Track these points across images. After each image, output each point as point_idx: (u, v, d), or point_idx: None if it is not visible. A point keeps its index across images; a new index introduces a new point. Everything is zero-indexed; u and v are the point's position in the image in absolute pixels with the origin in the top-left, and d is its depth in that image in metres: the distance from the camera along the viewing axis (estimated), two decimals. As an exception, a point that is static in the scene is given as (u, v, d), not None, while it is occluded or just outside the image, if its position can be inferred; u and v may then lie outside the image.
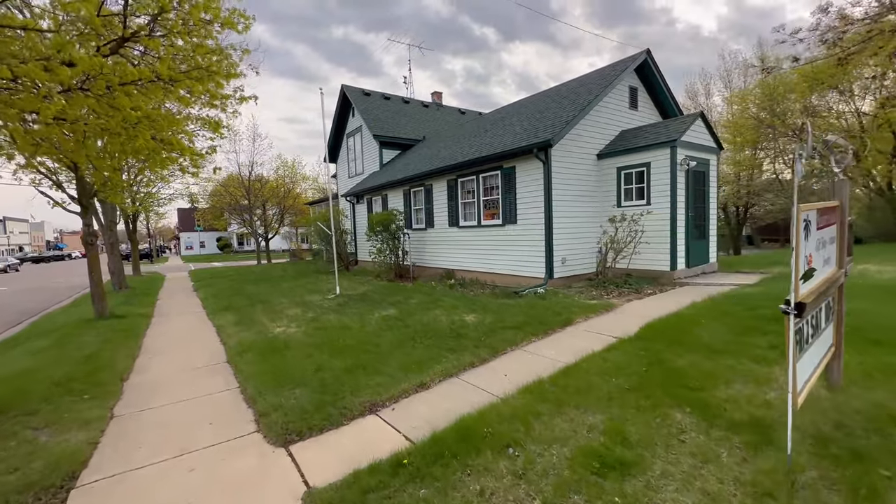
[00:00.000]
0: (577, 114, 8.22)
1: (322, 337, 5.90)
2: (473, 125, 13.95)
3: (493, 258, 9.63)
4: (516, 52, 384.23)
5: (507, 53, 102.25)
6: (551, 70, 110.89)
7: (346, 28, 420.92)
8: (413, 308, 7.21)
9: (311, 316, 7.47)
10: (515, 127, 10.13)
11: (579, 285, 8.40)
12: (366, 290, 9.72)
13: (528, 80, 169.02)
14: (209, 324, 7.93)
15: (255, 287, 12.37)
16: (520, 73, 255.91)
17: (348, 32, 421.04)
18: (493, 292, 8.52)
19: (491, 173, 9.55)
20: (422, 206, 12.23)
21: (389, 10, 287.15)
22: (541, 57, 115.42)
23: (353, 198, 16.49)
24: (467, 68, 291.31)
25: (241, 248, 56.29)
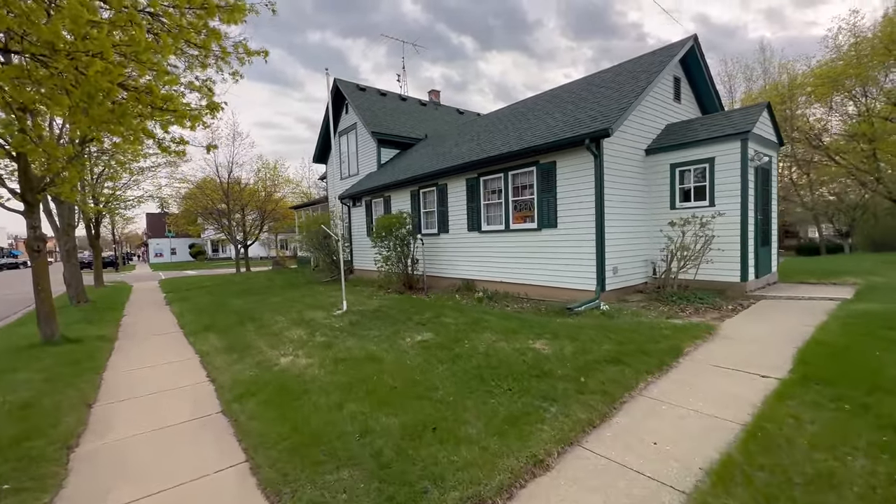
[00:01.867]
0: (633, 100, 7.12)
1: (349, 373, 4.48)
2: (485, 123, 12.77)
3: (525, 267, 8.39)
4: (493, 61, 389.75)
5: (484, 62, 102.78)
6: (528, 80, 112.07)
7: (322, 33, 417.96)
8: (453, 330, 5.85)
9: (323, 340, 6.01)
10: (546, 120, 8.98)
11: (635, 299, 7.24)
12: (379, 305, 8.28)
13: (505, 89, 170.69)
14: (189, 350, 6.35)
15: (241, 300, 10.72)
16: (497, 82, 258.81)
17: (325, 38, 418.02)
18: (536, 308, 7.25)
19: (523, 170, 8.33)
20: (434, 208, 10.90)
21: (367, 16, 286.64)
22: (517, 67, 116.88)
23: (349, 200, 15.01)
24: (445, 76, 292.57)
25: (216, 256, 53.37)
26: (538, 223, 8.07)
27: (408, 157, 14.19)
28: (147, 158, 11.15)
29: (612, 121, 6.64)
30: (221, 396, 4.27)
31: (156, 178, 22.72)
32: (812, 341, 4.34)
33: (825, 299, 6.26)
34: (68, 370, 5.24)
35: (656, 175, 7.97)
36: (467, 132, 12.69)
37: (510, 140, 8.97)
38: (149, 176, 17.90)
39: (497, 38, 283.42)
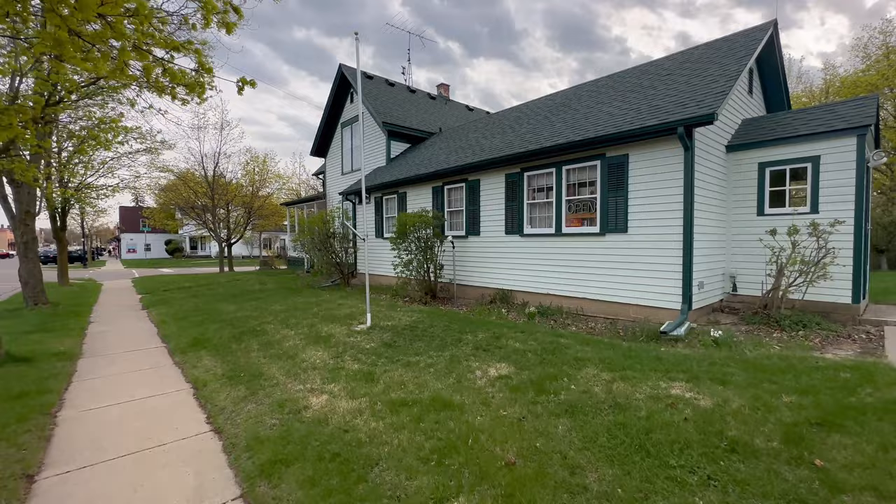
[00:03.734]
0: (731, 83, 5.99)
1: (421, 429, 3.11)
2: (514, 116, 11.55)
3: (582, 278, 7.14)
4: (480, 68, 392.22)
5: (470, 69, 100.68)
6: (513, 89, 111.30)
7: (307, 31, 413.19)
8: (533, 360, 4.51)
9: (358, 368, 4.60)
10: (604, 109, 7.81)
11: (727, 321, 6.08)
12: (409, 320, 6.88)
13: (491, 96, 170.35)
14: (177, 376, 4.85)
15: (233, 306, 9.14)
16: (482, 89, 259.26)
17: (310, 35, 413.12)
18: (611, 329, 5.99)
19: (583, 164, 7.11)
20: (461, 207, 9.58)
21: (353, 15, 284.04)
22: (503, 75, 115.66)
23: (354, 196, 13.55)
24: (431, 81, 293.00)
25: (195, 253, 50.65)
26: (601, 227, 6.85)
27: (423, 151, 12.85)
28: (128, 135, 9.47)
29: (714, 105, 5.48)
30: (237, 465, 2.84)
31: (133, 166, 20.79)
32: None
33: None
34: (3, 412, 3.70)
35: (739, 175, 6.86)
36: (494, 125, 11.44)
37: (562, 131, 7.75)
38: (125, 163, 16.08)
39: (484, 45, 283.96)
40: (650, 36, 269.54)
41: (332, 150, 17.23)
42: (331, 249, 12.34)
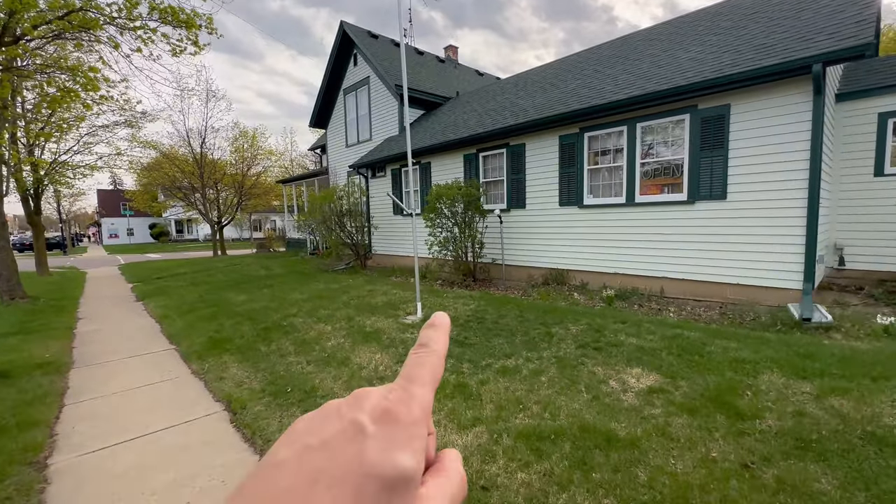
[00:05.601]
0: (872, 8, 4.85)
1: (599, 482, 2.08)
2: (553, 73, 10.27)
3: (663, 255, 6.14)
4: (465, 40, 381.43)
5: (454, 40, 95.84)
6: (499, 61, 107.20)
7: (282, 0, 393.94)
8: (672, 362, 3.51)
9: (459, 381, 3.54)
10: (677, 55, 6.63)
11: (857, 301, 5.15)
12: (470, 309, 5.82)
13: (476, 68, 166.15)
14: (204, 395, 3.73)
15: (244, 295, 7.96)
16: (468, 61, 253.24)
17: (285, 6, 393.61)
18: (722, 314, 5.01)
19: (666, 119, 6.00)
20: (501, 176, 8.43)
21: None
22: (488, 46, 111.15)
23: (367, 170, 12.25)
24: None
25: (181, 237, 48.59)
26: (690, 193, 5.80)
27: (442, 117, 11.54)
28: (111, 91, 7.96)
29: (866, 35, 4.36)
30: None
31: (113, 141, 18.96)
32: None
33: None
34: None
35: (852, 129, 5.83)
36: (529, 85, 10.17)
37: (632, 82, 6.57)
38: (103, 137, 14.38)
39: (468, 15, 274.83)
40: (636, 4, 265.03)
41: (333, 120, 15.73)
42: (344, 229, 11.12)
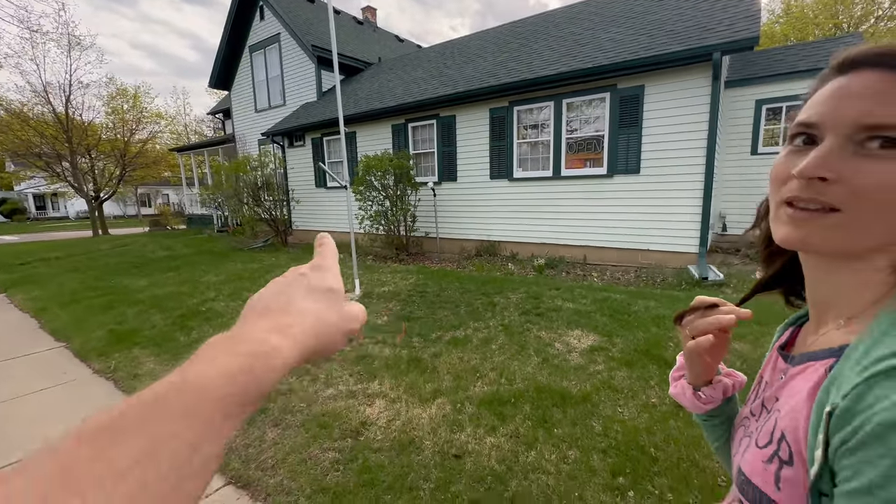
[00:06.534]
0: (757, 5, 5.53)
1: (563, 436, 2.26)
2: (479, 44, 10.22)
3: (585, 225, 6.63)
4: (380, 1, 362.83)
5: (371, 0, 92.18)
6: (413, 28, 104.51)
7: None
8: (606, 322, 3.83)
9: (393, 353, 3.49)
10: (599, 35, 7.01)
11: (738, 262, 6.08)
12: (410, 284, 5.76)
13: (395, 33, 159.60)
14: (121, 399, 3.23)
15: (144, 280, 6.98)
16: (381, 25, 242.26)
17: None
18: (638, 278, 5.59)
19: (589, 97, 6.35)
20: (432, 148, 8.32)
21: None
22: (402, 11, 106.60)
23: (283, 139, 11.26)
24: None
25: (44, 215, 40.81)
26: (609, 167, 6.29)
27: (365, 84, 10.96)
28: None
29: (753, 29, 4.99)
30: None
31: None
32: None
33: None
34: None
35: (735, 113, 6.72)
36: (457, 54, 10.03)
37: (559, 58, 6.81)
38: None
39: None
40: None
41: (238, 81, 14.09)
42: (260, 203, 10.21)
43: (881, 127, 0.38)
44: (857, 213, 0.40)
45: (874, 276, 0.42)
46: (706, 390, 0.64)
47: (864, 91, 0.41)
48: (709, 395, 0.64)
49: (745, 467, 0.48)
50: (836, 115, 0.41)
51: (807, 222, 0.43)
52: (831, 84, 0.44)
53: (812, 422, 0.38)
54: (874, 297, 0.42)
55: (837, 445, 0.34)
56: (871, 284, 0.43)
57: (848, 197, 0.40)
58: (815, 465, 0.36)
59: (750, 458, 0.48)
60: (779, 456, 0.43)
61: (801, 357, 0.48)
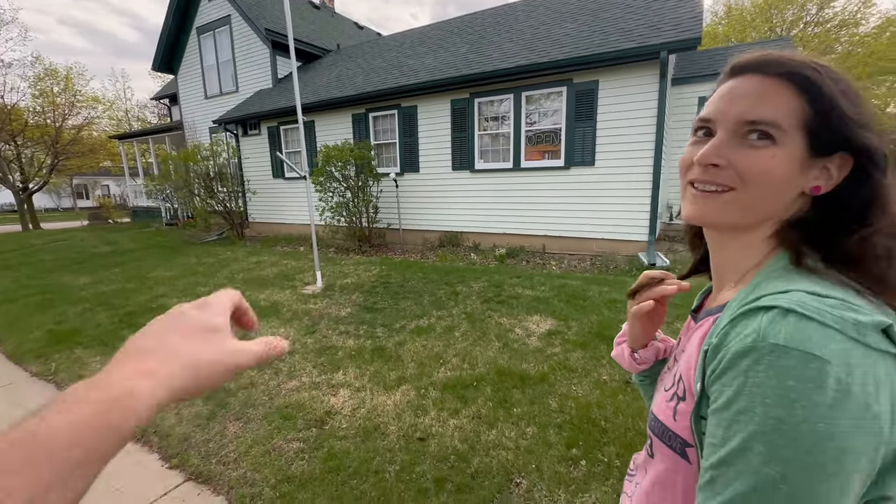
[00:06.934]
0: (700, 8, 5.87)
1: (521, 415, 2.40)
2: (439, 34, 10.18)
3: (544, 215, 6.86)
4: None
5: None
6: (372, 15, 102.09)
7: None
8: (563, 308, 4.01)
9: (357, 344, 3.51)
10: (554, 30, 7.19)
11: (683, 249, 6.50)
12: (373, 275, 5.73)
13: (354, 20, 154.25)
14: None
15: (87, 277, 6.54)
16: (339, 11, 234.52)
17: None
18: (594, 265, 5.85)
19: (547, 90, 6.53)
20: (393, 139, 8.26)
21: None
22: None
23: (237, 127, 10.77)
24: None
25: (-40, 208, 36.75)
26: (566, 160, 6.52)
27: (324, 72, 10.66)
28: None
29: (696, 30, 5.31)
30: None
31: None
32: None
33: None
34: None
35: (681, 109, 7.14)
36: (417, 44, 9.94)
37: (517, 52, 6.94)
38: None
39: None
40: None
41: (185, 65, 13.27)
42: (214, 195, 9.75)
43: (758, 122, 0.47)
44: (745, 192, 0.48)
45: (757, 244, 0.51)
46: (642, 352, 0.74)
47: (746, 92, 0.49)
48: (643, 357, 0.74)
49: (654, 409, 0.58)
50: (726, 112, 0.50)
51: (706, 201, 0.51)
52: (724, 86, 0.53)
53: (698, 362, 0.47)
54: (756, 261, 0.51)
55: (709, 376, 0.43)
56: (754, 251, 0.52)
57: (736, 179, 0.48)
58: (697, 395, 0.45)
59: (658, 400, 0.58)
60: (677, 394, 0.53)
61: (703, 314, 0.58)
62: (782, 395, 0.36)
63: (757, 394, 0.37)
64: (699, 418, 0.45)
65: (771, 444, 0.36)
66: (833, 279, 0.44)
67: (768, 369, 0.37)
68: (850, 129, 0.46)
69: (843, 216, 0.48)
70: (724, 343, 0.42)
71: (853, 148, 0.46)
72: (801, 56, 0.49)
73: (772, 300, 0.41)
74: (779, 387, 0.37)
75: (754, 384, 0.38)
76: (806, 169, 0.47)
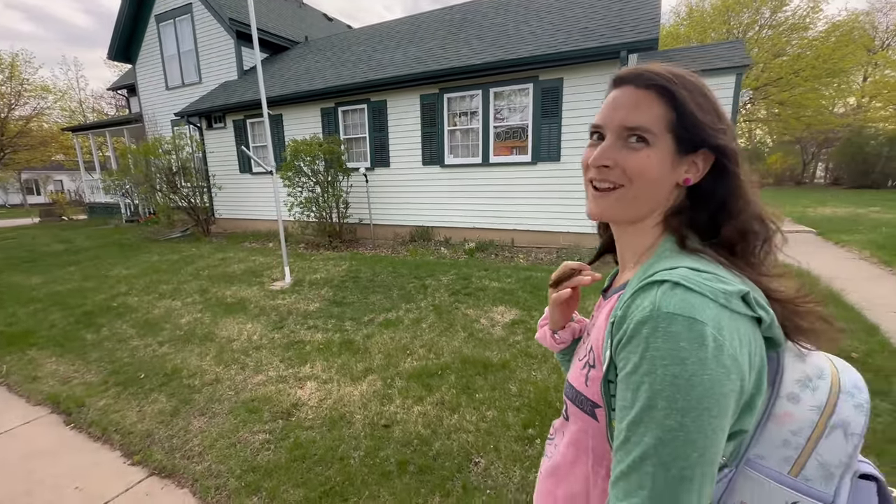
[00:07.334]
0: (657, 10, 6.11)
1: (483, 400, 2.52)
2: (409, 29, 10.15)
3: (513, 210, 7.01)
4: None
5: None
6: (344, 6, 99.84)
7: None
8: (527, 298, 4.15)
9: (325, 338, 3.54)
10: (522, 28, 7.33)
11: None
12: (343, 270, 5.73)
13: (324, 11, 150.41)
14: (16, 402, 2.94)
15: (38, 277, 6.25)
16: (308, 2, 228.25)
17: None
18: (559, 257, 6.05)
19: (514, 87, 6.66)
20: (363, 133, 8.22)
21: None
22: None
23: (201, 120, 10.43)
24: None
25: None
26: (533, 155, 6.68)
27: (291, 64, 10.46)
28: None
29: (653, 31, 5.55)
30: (261, 527, 1.79)
31: None
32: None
33: (794, 232, 7.01)
34: None
35: (642, 107, 7.41)
36: (385, 38, 9.89)
37: (484, 49, 7.04)
38: None
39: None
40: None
41: (144, 54, 12.70)
42: (177, 190, 9.44)
43: (634, 128, 0.56)
44: (631, 188, 0.57)
45: (649, 230, 0.61)
46: (561, 333, 0.84)
47: (624, 102, 0.58)
48: (562, 337, 0.84)
49: (569, 377, 0.67)
50: (611, 119, 0.58)
51: (603, 199, 0.60)
52: (609, 95, 0.62)
53: (606, 333, 0.55)
54: (650, 244, 0.61)
55: (616, 344, 0.51)
56: (647, 236, 0.61)
57: (624, 177, 0.57)
58: (606, 362, 0.53)
59: (573, 369, 0.67)
60: (589, 363, 0.61)
61: (610, 292, 0.68)
62: (675, 355, 0.44)
63: (657, 356, 0.45)
64: (607, 382, 0.53)
65: (670, 399, 0.44)
66: (709, 257, 0.54)
67: (665, 335, 0.45)
68: (704, 130, 0.55)
69: (710, 204, 0.57)
70: (627, 314, 0.50)
71: (710, 146, 0.55)
72: (665, 68, 0.57)
73: (663, 276, 0.49)
74: (672, 348, 0.44)
75: (654, 349, 0.45)
76: (676, 165, 0.56)
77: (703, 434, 0.43)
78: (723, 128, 0.56)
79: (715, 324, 0.45)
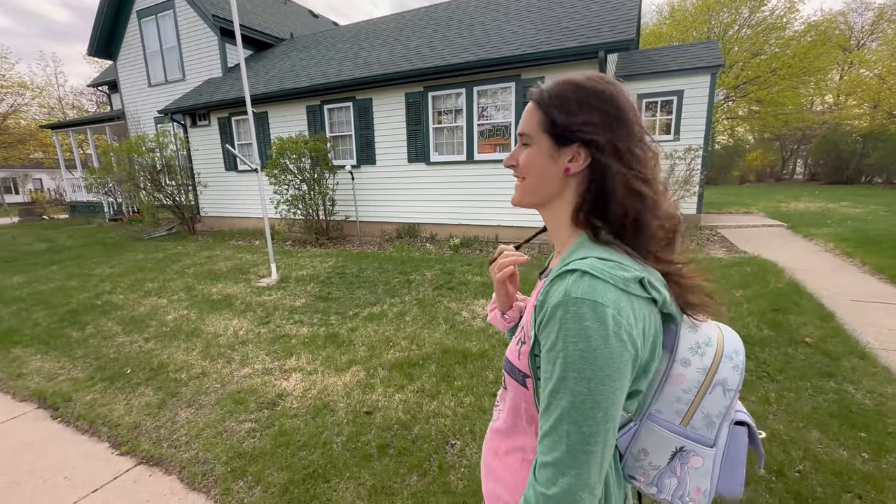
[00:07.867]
0: (634, 11, 6.28)
1: (462, 387, 2.63)
2: (395, 26, 10.19)
3: (498, 206, 7.14)
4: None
5: None
6: (332, 3, 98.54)
7: None
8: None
9: (310, 332, 3.63)
10: (505, 27, 7.45)
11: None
12: (329, 266, 5.80)
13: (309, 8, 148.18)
14: (11, 402, 2.99)
15: (20, 277, 6.20)
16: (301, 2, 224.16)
17: None
18: (541, 252, 6.19)
19: (497, 86, 6.77)
20: (349, 131, 8.26)
21: None
22: None
23: (185, 117, 10.34)
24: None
25: None
26: (516, 153, 6.81)
27: (276, 62, 10.42)
28: None
29: (629, 31, 5.70)
30: (246, 507, 1.89)
31: None
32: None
33: (767, 226, 7.26)
34: None
35: (622, 105, 7.60)
36: (371, 36, 9.91)
37: (467, 47, 7.14)
38: None
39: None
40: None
41: (125, 50, 12.51)
42: (162, 188, 9.37)
43: (521, 134, 0.70)
44: (528, 179, 0.70)
45: (565, 221, 0.71)
46: (510, 312, 0.95)
47: (525, 113, 0.71)
48: (510, 316, 0.95)
49: (507, 352, 0.77)
50: (520, 126, 0.72)
51: (517, 189, 0.73)
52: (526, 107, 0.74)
53: (531, 314, 0.66)
54: (568, 235, 0.71)
55: (538, 324, 0.61)
56: (564, 228, 0.72)
57: (523, 171, 0.70)
58: (532, 339, 0.64)
59: (511, 345, 0.77)
60: (521, 339, 0.72)
61: (543, 275, 0.79)
62: (582, 332, 0.53)
63: (568, 335, 0.54)
64: (534, 356, 0.64)
65: (579, 370, 0.53)
66: (616, 247, 0.64)
67: (574, 316, 0.54)
68: (568, 128, 0.64)
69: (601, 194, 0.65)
70: (546, 299, 0.59)
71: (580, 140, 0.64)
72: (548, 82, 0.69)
73: (575, 265, 0.59)
74: (580, 328, 0.53)
75: (566, 329, 0.54)
76: (556, 157, 0.66)
77: (605, 396, 0.53)
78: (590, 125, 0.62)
79: (615, 305, 0.54)
